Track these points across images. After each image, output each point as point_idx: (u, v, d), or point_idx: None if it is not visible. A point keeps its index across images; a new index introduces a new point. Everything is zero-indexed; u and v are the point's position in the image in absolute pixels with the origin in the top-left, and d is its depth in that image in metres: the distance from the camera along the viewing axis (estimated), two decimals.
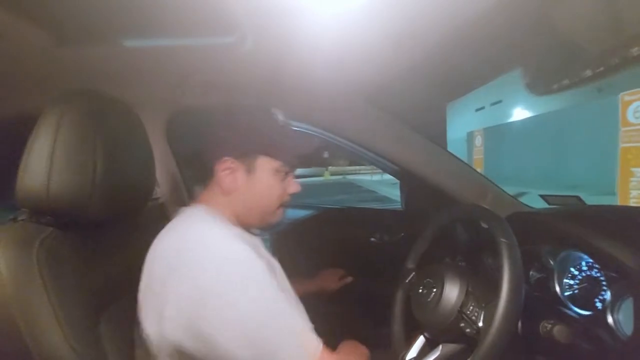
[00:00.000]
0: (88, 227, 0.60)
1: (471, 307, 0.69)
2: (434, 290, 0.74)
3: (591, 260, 0.80)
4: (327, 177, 24.66)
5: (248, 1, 0.55)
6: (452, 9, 0.55)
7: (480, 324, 0.67)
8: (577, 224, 0.86)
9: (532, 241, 0.94)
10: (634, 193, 4.47)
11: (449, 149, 1.19)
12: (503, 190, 1.18)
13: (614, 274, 0.74)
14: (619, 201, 4.62)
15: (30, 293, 0.48)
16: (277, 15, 0.58)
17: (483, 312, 0.68)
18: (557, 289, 0.84)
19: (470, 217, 0.85)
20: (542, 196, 1.15)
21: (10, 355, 0.48)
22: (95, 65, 0.66)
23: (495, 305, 0.62)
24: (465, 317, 0.69)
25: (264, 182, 0.71)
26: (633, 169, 4.49)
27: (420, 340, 0.80)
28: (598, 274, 0.79)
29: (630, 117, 4.53)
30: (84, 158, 0.55)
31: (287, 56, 0.73)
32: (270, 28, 0.63)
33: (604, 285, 0.77)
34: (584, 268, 0.82)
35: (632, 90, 4.52)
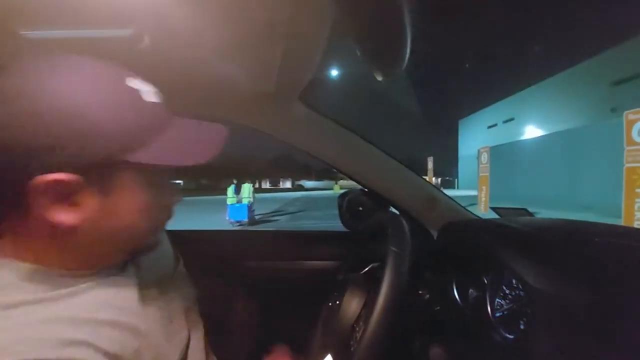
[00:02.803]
0: None
1: (361, 323, 0.60)
2: (337, 303, 0.68)
3: (514, 279, 0.73)
4: (337, 191, 24.62)
5: None
6: None
7: None
8: (500, 237, 0.80)
9: (466, 251, 0.87)
10: (638, 215, 4.27)
11: (460, 165, 1.15)
12: (455, 201, 1.13)
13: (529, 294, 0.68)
14: (623, 224, 4.40)
15: None
16: (168, 14, 0.57)
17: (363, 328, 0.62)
18: (489, 309, 0.77)
19: (382, 225, 0.80)
20: (492, 208, 1.10)
21: None
22: None
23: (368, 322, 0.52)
24: (354, 334, 0.61)
25: (130, 206, 0.40)
26: (639, 190, 4.30)
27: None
28: (522, 293, 0.72)
29: (635, 136, 4.37)
30: None
31: (188, 54, 0.72)
32: (164, 26, 0.62)
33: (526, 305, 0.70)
34: (515, 286, 0.75)
35: (637, 109, 4.37)
